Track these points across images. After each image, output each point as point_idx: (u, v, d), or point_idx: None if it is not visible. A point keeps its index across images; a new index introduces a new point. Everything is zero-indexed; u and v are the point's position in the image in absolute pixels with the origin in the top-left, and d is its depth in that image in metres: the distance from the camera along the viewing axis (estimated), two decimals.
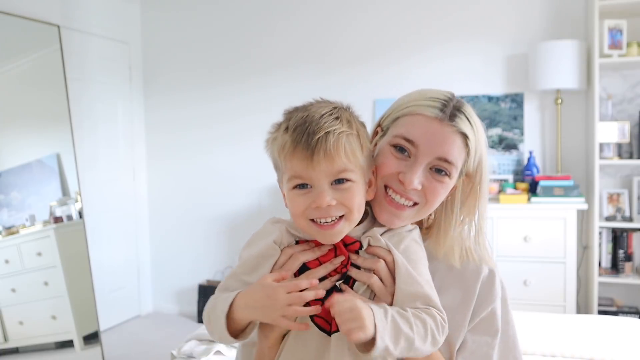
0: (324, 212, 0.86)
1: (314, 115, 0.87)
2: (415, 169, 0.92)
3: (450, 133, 0.92)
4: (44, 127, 3.06)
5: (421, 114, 0.93)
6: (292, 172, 0.87)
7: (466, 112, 0.95)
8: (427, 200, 0.94)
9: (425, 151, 0.92)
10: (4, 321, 2.72)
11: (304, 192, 0.87)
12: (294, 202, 0.88)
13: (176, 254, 4.12)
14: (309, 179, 0.86)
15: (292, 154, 0.85)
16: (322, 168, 0.85)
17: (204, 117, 3.99)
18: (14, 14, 2.88)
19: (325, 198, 0.85)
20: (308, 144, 0.84)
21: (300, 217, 0.88)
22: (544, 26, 3.28)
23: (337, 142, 0.85)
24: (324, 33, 3.71)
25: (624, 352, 1.77)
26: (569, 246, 2.89)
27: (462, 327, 1.01)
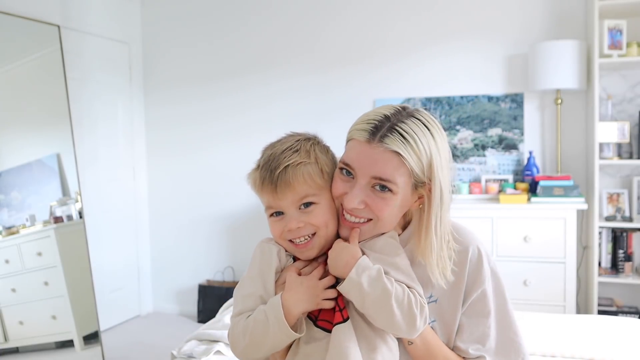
0: (295, 233, 1.01)
1: (276, 152, 1.02)
2: (355, 190, 1.00)
3: (380, 153, 0.97)
4: (44, 127, 3.06)
5: (355, 138, 1.02)
6: (265, 203, 1.04)
7: (401, 129, 0.98)
8: (377, 216, 1.01)
9: (361, 173, 0.99)
10: (4, 321, 2.72)
11: (278, 219, 1.03)
12: (273, 228, 1.04)
13: (176, 254, 4.12)
14: (278, 208, 1.02)
15: (261, 189, 1.02)
16: (286, 197, 1.00)
17: (204, 116, 3.99)
18: (14, 14, 2.88)
19: (293, 223, 1.00)
20: (271, 179, 1.00)
21: (280, 239, 1.04)
22: (544, 26, 3.28)
23: (294, 173, 0.99)
24: (324, 31, 3.71)
25: (624, 352, 1.77)
26: (569, 246, 2.89)
27: (457, 310, 1.09)
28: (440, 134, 1.02)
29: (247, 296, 1.03)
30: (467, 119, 3.41)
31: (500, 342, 1.10)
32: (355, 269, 0.95)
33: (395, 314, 0.93)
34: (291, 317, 0.97)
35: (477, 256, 1.09)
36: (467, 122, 3.41)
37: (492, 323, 1.09)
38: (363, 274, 0.95)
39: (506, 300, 1.12)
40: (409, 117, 1.00)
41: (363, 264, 0.96)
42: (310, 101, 3.74)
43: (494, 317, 1.09)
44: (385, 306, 0.93)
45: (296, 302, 0.97)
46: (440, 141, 1.01)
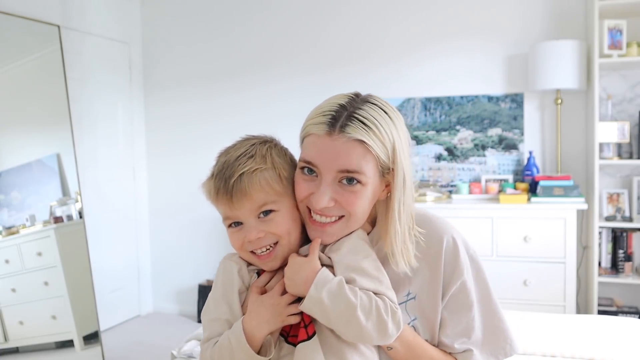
0: (256, 244, 0.95)
1: (230, 159, 0.96)
2: (322, 188, 0.93)
3: (343, 144, 0.92)
4: (44, 127, 3.06)
5: (313, 133, 0.95)
6: (222, 214, 0.98)
7: (360, 115, 0.93)
8: (348, 211, 0.95)
9: (325, 169, 0.93)
10: (4, 321, 2.72)
11: (237, 229, 0.97)
12: (232, 239, 0.98)
13: (176, 254, 4.12)
14: (236, 218, 0.96)
15: (216, 199, 0.97)
16: (243, 207, 0.94)
17: (204, 116, 3.99)
18: (14, 14, 2.88)
19: (252, 233, 0.95)
20: (226, 188, 0.94)
21: (240, 250, 0.99)
22: (544, 26, 3.28)
23: (251, 181, 0.94)
24: (324, 31, 3.71)
25: (624, 352, 1.77)
26: (569, 246, 2.89)
27: (437, 305, 1.04)
28: (398, 116, 0.98)
29: (214, 320, 0.98)
30: (467, 119, 3.41)
31: (487, 331, 1.06)
32: (314, 285, 0.90)
33: (364, 326, 0.89)
34: (255, 340, 0.92)
35: (452, 246, 1.04)
36: (467, 122, 3.41)
37: (476, 314, 1.05)
38: (323, 290, 0.89)
39: (488, 287, 1.08)
40: (365, 103, 0.95)
41: (322, 278, 0.91)
42: (310, 101, 3.71)
43: (477, 308, 1.05)
44: (351, 319, 0.89)
45: (258, 325, 0.93)
46: (399, 124, 0.97)
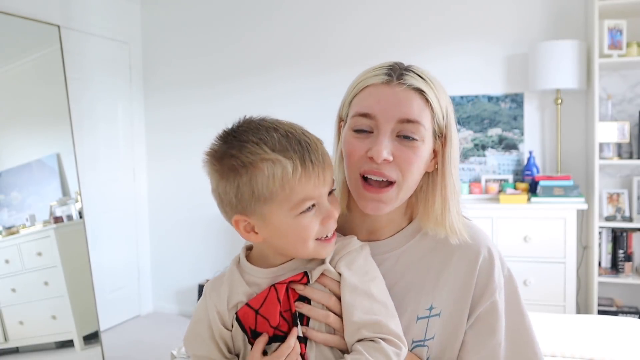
0: (332, 225, 0.85)
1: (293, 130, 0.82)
2: (380, 139, 0.86)
3: (403, 91, 0.87)
4: (44, 127, 3.06)
5: (369, 85, 0.90)
6: (304, 194, 0.80)
7: (416, 70, 0.90)
8: (403, 172, 0.88)
9: (384, 118, 0.87)
10: (4, 321, 2.72)
11: (312, 214, 0.82)
12: (307, 227, 0.82)
13: (176, 254, 4.12)
14: (318, 196, 0.82)
15: (306, 177, 0.79)
16: (330, 181, 0.84)
17: (204, 116, 3.99)
18: (14, 14, 2.88)
19: (335, 209, 0.84)
20: (318, 161, 0.81)
21: (311, 240, 0.83)
22: (544, 26, 3.28)
23: (327, 153, 0.85)
24: (323, 32, 3.71)
25: (624, 352, 1.77)
26: (569, 246, 2.89)
27: (461, 323, 0.93)
28: None
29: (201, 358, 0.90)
30: (467, 119, 3.41)
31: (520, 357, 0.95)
32: None
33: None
34: None
35: (488, 261, 0.94)
36: (467, 122, 3.41)
37: (503, 342, 0.93)
38: None
39: (523, 313, 0.97)
40: (414, 66, 0.93)
41: None
42: (310, 104, 3.73)
43: (506, 335, 0.94)
44: None
45: None
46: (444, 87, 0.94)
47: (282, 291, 0.84)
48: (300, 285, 0.85)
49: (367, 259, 0.89)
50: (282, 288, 0.84)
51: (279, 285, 0.85)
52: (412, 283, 0.94)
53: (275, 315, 0.84)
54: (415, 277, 0.94)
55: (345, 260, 0.87)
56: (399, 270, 0.95)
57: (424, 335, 0.93)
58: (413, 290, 0.94)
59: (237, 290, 0.88)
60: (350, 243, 0.89)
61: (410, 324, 0.93)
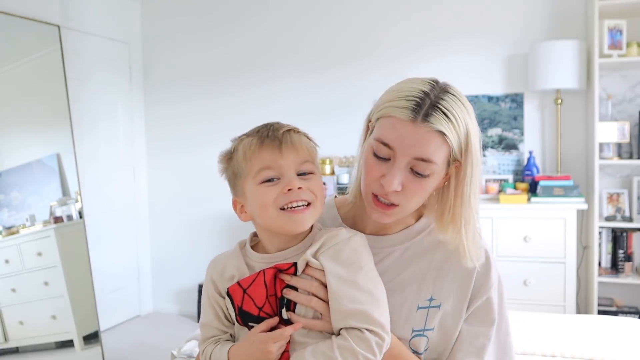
0: (294, 195, 0.90)
1: (273, 123, 0.96)
2: (394, 171, 0.93)
3: (425, 133, 0.91)
4: (44, 127, 3.06)
5: (394, 116, 0.93)
6: (261, 164, 0.91)
7: (443, 106, 0.92)
8: (407, 199, 0.95)
9: (402, 153, 0.92)
10: (4, 321, 2.72)
11: (273, 184, 0.91)
12: (264, 194, 0.91)
13: (176, 253, 4.12)
14: (278, 168, 0.91)
15: (260, 149, 0.92)
16: (290, 157, 0.91)
17: (204, 115, 3.99)
18: (14, 14, 2.88)
19: (295, 182, 0.90)
20: (275, 136, 0.92)
21: (270, 207, 0.91)
22: (544, 26, 3.28)
23: (299, 138, 0.94)
24: (323, 30, 3.71)
25: (624, 352, 1.77)
26: (569, 246, 2.89)
27: (460, 317, 1.01)
28: (471, 107, 0.99)
29: (204, 325, 1.00)
30: None
31: (497, 351, 1.03)
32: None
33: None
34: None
35: (485, 260, 1.02)
36: None
37: (493, 332, 1.02)
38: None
39: (505, 305, 1.06)
40: (446, 93, 0.95)
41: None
42: (310, 100, 3.74)
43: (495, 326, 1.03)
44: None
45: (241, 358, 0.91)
46: (472, 115, 0.98)
47: (268, 276, 0.91)
48: (287, 275, 0.92)
49: (356, 249, 0.94)
50: (269, 273, 0.91)
51: (267, 269, 0.91)
52: (415, 274, 1.02)
53: (261, 296, 0.91)
54: (417, 269, 1.02)
55: (330, 252, 0.92)
56: (403, 262, 1.03)
57: (423, 325, 1.00)
58: (415, 281, 1.02)
59: (233, 264, 0.98)
60: (337, 235, 0.94)
61: (411, 312, 1.00)
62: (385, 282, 0.98)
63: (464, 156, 0.95)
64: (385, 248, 1.04)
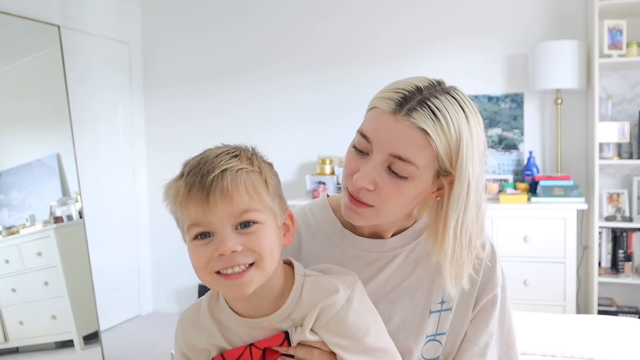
0: (228, 260, 0.74)
1: (209, 156, 0.79)
2: (367, 166, 0.84)
3: (404, 128, 0.82)
4: (44, 127, 3.06)
5: (378, 107, 0.86)
6: (190, 219, 0.76)
7: (433, 104, 0.83)
8: (382, 202, 0.85)
9: (378, 148, 0.84)
10: (4, 321, 2.72)
11: (205, 242, 0.76)
12: (195, 254, 0.76)
13: (176, 253, 4.11)
14: (208, 225, 0.75)
15: (187, 200, 0.76)
16: (220, 210, 0.74)
17: (203, 114, 3.99)
18: (14, 14, 2.88)
19: (229, 243, 0.74)
20: (202, 184, 0.75)
21: (203, 270, 0.76)
22: (544, 26, 3.28)
23: (235, 180, 0.75)
24: (322, 29, 3.71)
25: (624, 352, 1.77)
26: (569, 246, 2.89)
27: (467, 316, 0.97)
28: (477, 118, 0.86)
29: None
30: None
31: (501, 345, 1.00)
32: None
33: None
34: None
35: (491, 254, 0.98)
36: None
37: (496, 328, 0.99)
38: None
39: (507, 298, 1.02)
40: (444, 94, 0.86)
41: None
42: (309, 99, 3.74)
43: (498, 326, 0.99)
44: None
45: None
46: (474, 126, 0.85)
47: (257, 356, 0.79)
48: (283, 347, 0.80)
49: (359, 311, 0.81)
50: (257, 353, 0.79)
51: (256, 349, 0.79)
52: (423, 277, 0.95)
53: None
54: (425, 272, 0.95)
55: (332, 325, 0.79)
56: (409, 265, 0.96)
57: (435, 329, 0.95)
58: (424, 284, 0.95)
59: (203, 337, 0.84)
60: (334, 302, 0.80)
61: (423, 318, 0.95)
62: (393, 288, 0.93)
63: (456, 168, 0.84)
64: (388, 252, 0.95)
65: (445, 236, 0.86)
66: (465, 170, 0.83)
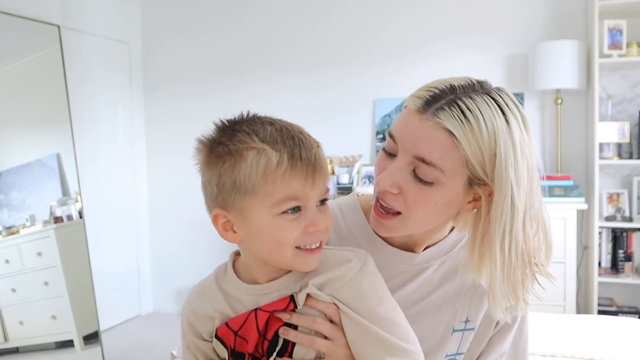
0: (317, 235, 0.75)
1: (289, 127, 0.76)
2: (391, 168, 0.80)
3: (429, 128, 0.77)
4: (44, 127, 3.06)
5: (407, 105, 0.82)
6: (287, 193, 0.72)
7: (465, 104, 0.77)
8: (408, 208, 0.80)
9: (403, 148, 0.80)
10: (4, 321, 2.72)
11: (296, 217, 0.74)
12: (284, 230, 0.73)
13: (176, 253, 4.12)
14: (305, 199, 0.74)
15: (291, 173, 0.72)
16: (321, 186, 0.75)
17: (203, 114, 3.96)
18: (14, 14, 2.88)
19: (321, 220, 0.74)
20: (309, 159, 0.73)
21: (288, 244, 0.74)
22: (544, 26, 3.28)
23: (324, 158, 0.76)
24: (323, 29, 3.71)
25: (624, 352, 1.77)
26: (569, 246, 2.89)
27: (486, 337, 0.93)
28: (520, 123, 0.79)
29: None
30: None
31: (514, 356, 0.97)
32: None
33: None
34: None
35: None
36: None
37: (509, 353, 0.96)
38: None
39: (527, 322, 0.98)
40: (482, 94, 0.79)
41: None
42: (310, 99, 3.74)
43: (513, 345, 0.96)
44: None
45: None
46: (516, 131, 0.78)
47: (262, 320, 0.77)
48: (286, 314, 0.77)
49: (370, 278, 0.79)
50: (263, 316, 0.77)
51: (261, 312, 0.77)
52: (449, 293, 0.91)
53: (253, 339, 0.78)
54: (452, 288, 0.91)
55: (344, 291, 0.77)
56: (436, 280, 0.91)
57: (456, 348, 0.91)
58: (450, 300, 0.91)
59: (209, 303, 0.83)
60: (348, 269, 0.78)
61: (446, 336, 0.90)
62: (416, 302, 0.90)
63: (493, 178, 0.76)
64: (417, 265, 0.90)
65: (484, 253, 0.79)
66: (505, 181, 0.76)
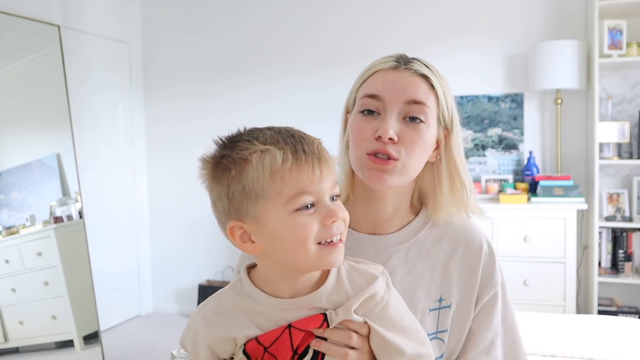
0: (336, 228, 0.75)
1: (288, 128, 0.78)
2: (387, 119, 0.91)
3: (410, 76, 0.93)
4: (44, 127, 3.06)
5: (377, 70, 0.95)
6: (297, 188, 0.73)
7: (422, 60, 0.97)
8: (407, 152, 0.91)
9: (391, 100, 0.92)
10: (4, 321, 2.72)
11: (310, 213, 0.74)
12: (304, 226, 0.74)
13: (176, 253, 4.12)
14: (316, 193, 0.74)
15: (297, 166, 0.73)
16: (327, 178, 0.75)
17: (203, 114, 3.99)
18: (14, 14, 2.88)
19: (338, 211, 0.75)
20: (312, 152, 0.74)
21: (309, 242, 0.74)
22: (544, 26, 3.28)
23: (327, 152, 0.78)
24: (322, 29, 3.71)
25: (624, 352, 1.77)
26: (569, 246, 2.89)
27: (469, 315, 0.97)
28: None
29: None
30: (467, 119, 3.41)
31: (506, 340, 1.00)
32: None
33: None
34: None
35: (489, 252, 0.99)
36: (467, 122, 3.41)
37: (500, 329, 0.99)
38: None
39: (507, 293, 1.02)
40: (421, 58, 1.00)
41: None
42: (309, 99, 3.74)
43: (501, 322, 0.99)
44: None
45: None
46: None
47: (297, 338, 0.76)
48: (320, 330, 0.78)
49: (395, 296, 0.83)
50: (298, 335, 0.76)
51: (296, 330, 0.76)
52: (422, 274, 0.97)
53: (285, 356, 0.77)
54: (424, 269, 0.97)
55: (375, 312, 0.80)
56: (409, 262, 0.97)
57: (436, 327, 0.96)
58: (423, 281, 0.96)
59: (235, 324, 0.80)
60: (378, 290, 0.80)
61: (424, 316, 0.95)
62: None
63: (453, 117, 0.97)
64: (387, 248, 0.97)
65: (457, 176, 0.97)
66: (456, 120, 0.97)
